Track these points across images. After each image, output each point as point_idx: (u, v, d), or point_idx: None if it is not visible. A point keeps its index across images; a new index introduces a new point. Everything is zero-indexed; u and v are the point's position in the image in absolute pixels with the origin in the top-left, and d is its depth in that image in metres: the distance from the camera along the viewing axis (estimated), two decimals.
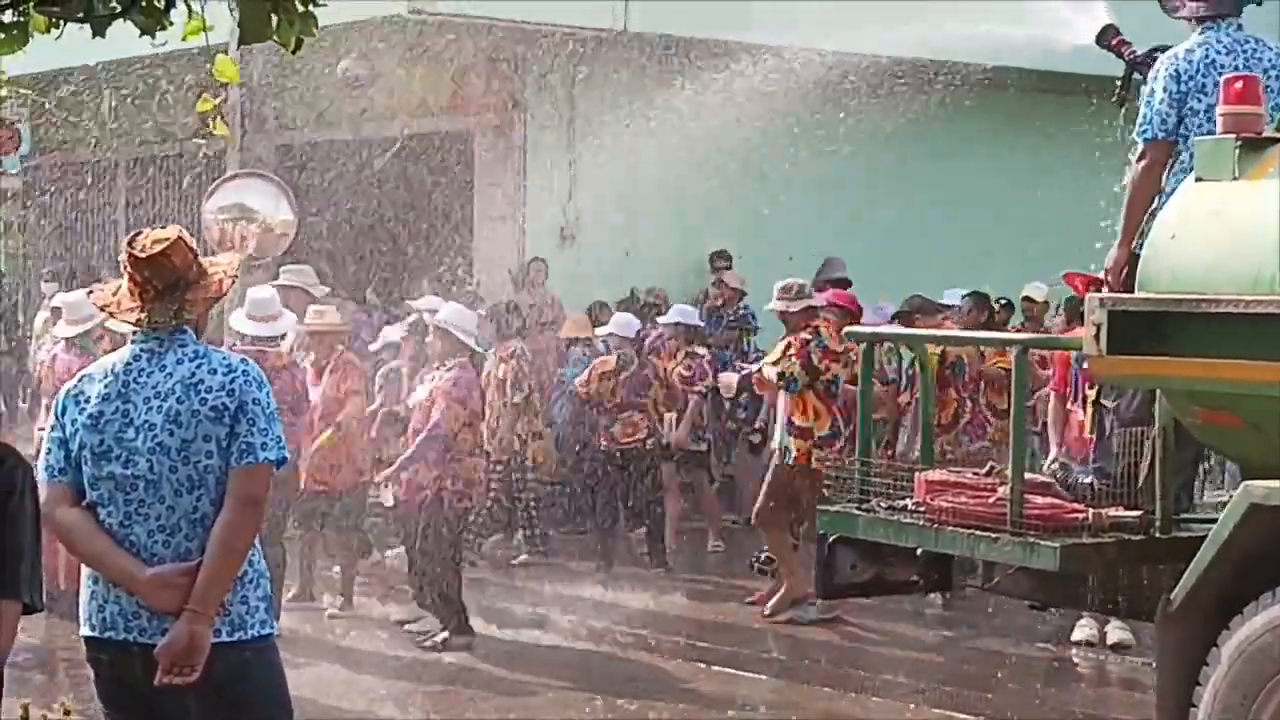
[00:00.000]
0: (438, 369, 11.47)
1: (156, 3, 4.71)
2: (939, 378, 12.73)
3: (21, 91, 16.14)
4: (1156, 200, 7.91)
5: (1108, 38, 8.66)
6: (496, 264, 18.02)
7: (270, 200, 15.40)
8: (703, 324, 15.73)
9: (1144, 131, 8.03)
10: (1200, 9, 8.11)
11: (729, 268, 17.15)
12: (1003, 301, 14.68)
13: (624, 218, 17.20)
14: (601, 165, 17.39)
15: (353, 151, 19.26)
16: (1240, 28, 8.09)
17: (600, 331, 14.81)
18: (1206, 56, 8.00)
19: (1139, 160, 8.07)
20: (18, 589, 3.69)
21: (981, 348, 13.00)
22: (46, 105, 18.31)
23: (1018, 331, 13.60)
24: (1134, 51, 8.54)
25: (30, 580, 3.75)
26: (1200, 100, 7.93)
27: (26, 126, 20.79)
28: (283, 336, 12.17)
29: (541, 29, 16.95)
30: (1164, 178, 7.98)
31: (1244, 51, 8.00)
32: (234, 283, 5.73)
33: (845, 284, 15.47)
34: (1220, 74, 7.85)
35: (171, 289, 5.44)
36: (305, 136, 19.25)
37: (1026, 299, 14.70)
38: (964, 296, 14.24)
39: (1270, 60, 7.99)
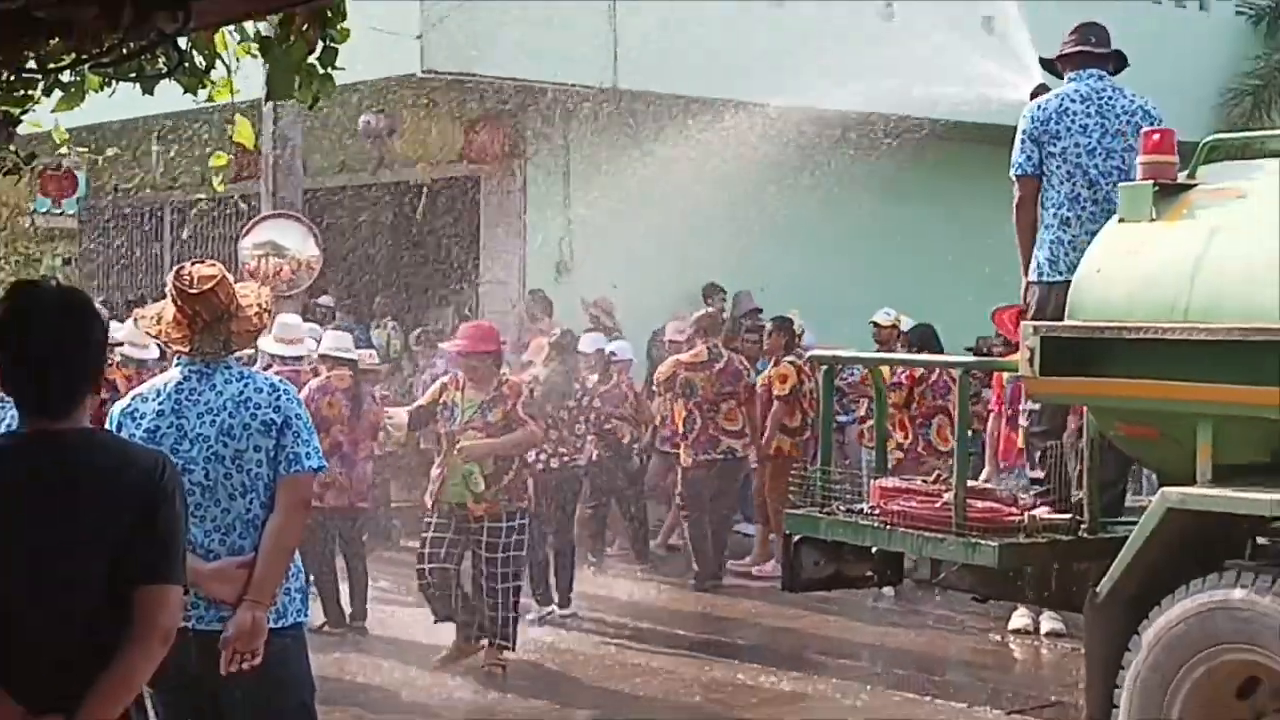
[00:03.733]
0: None
1: (198, 64, 4.74)
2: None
3: (79, 150, 16.17)
4: (1038, 232, 8.03)
5: (1040, 97, 8.70)
6: (500, 294, 18.06)
7: (299, 238, 15.48)
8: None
9: (1013, 169, 8.17)
10: (1069, 63, 8.22)
11: (723, 298, 17.15)
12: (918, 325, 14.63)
13: (613, 254, 17.21)
14: (593, 207, 17.40)
15: (372, 195, 19.31)
16: (1103, 78, 8.12)
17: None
18: (1060, 105, 8.09)
19: (1015, 197, 8.20)
20: (180, 574, 3.73)
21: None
22: (101, 155, 18.28)
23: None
24: None
25: (184, 566, 3.81)
26: (1055, 144, 8.03)
27: (83, 173, 20.80)
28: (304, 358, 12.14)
29: (539, 86, 16.99)
30: (1036, 210, 8.10)
31: (1098, 100, 8.05)
32: (265, 316, 5.76)
33: (757, 312, 15.67)
34: (1072, 120, 7.97)
35: (217, 321, 5.47)
36: (330, 181, 19.27)
37: (874, 324, 14.33)
38: (773, 320, 14.33)
39: (1123, 107, 8.01)
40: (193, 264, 5.60)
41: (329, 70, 4.68)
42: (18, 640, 3.61)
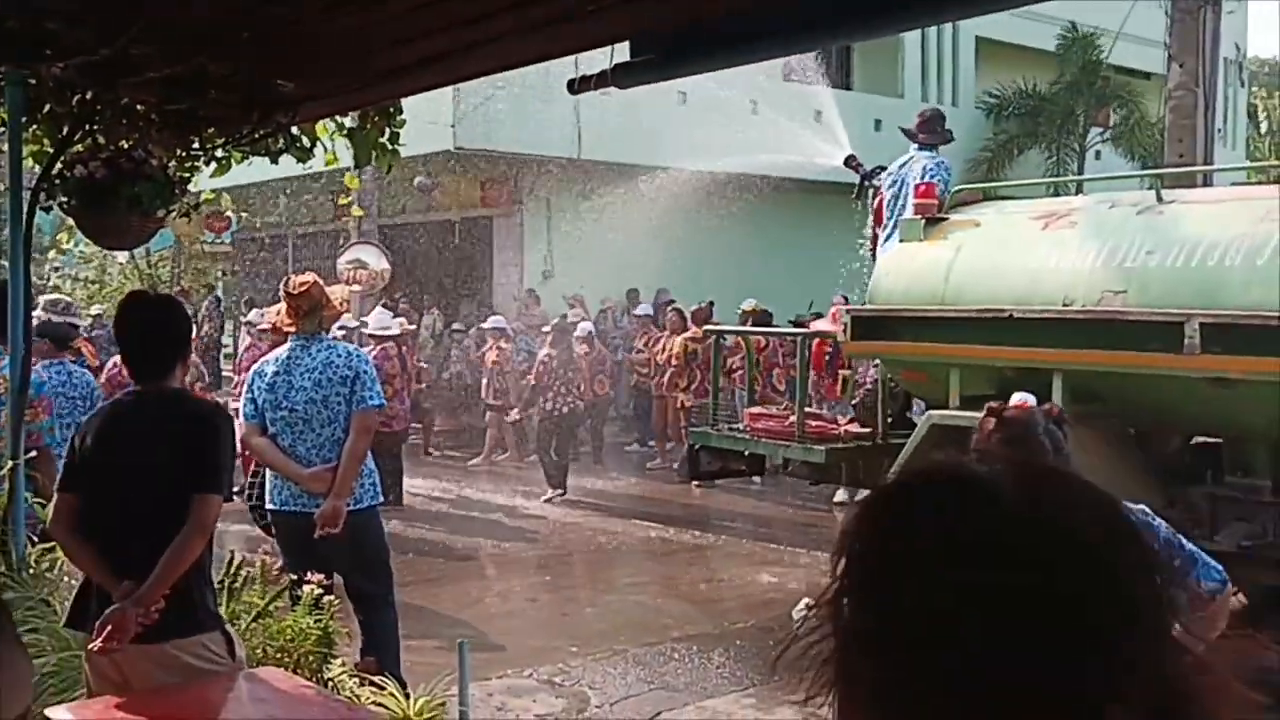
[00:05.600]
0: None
1: (305, 144, 4.69)
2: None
3: (231, 202, 16.02)
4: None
5: (850, 162, 8.72)
6: (506, 292, 18.02)
7: (375, 256, 15.33)
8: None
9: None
10: (915, 140, 8.23)
11: (638, 296, 17.11)
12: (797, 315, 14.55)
13: (578, 266, 17.21)
14: (566, 236, 17.41)
15: (423, 229, 19.18)
16: (921, 148, 8.09)
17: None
18: (886, 170, 8.11)
19: None
20: (222, 488, 3.63)
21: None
22: (247, 204, 18.08)
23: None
24: (864, 169, 8.61)
25: (227, 482, 3.70)
26: (887, 194, 8.07)
27: (234, 215, 20.54)
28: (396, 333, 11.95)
29: (531, 157, 16.92)
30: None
31: (902, 164, 8.06)
32: (347, 307, 5.71)
33: (671, 302, 15.52)
34: (892, 180, 7.98)
35: (313, 311, 5.44)
36: (396, 220, 19.13)
37: (741, 310, 13.93)
38: (673, 309, 13.98)
39: (920, 166, 7.97)
40: (295, 275, 5.60)
41: (394, 147, 4.64)
42: (119, 526, 3.56)
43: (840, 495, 11.27)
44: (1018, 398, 4.55)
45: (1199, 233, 6.02)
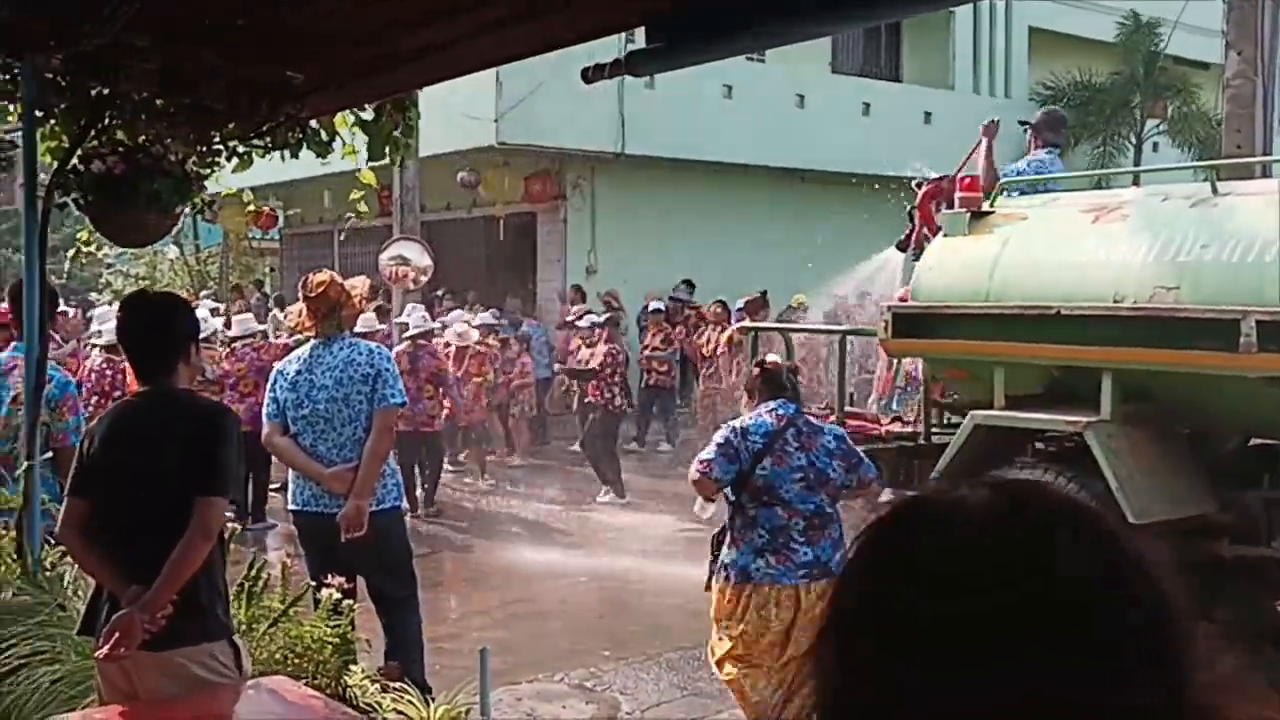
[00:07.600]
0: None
1: (323, 138, 4.60)
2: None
3: (276, 200, 16.06)
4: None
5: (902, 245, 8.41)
6: (550, 288, 17.96)
7: (417, 252, 15.30)
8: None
9: None
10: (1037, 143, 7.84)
11: (691, 290, 16.87)
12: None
13: (622, 260, 17.09)
14: (609, 231, 17.30)
15: (467, 225, 19.15)
16: (1050, 151, 7.73)
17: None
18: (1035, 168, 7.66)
19: None
20: (226, 490, 3.53)
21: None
22: (291, 201, 18.13)
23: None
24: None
25: (234, 484, 3.60)
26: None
27: (281, 212, 20.66)
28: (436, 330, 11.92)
29: (574, 152, 16.83)
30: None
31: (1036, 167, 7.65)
32: (365, 301, 5.61)
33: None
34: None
35: (332, 311, 5.35)
36: (439, 216, 19.11)
37: (799, 303, 14.21)
38: (716, 301, 13.89)
39: (1029, 169, 7.61)
40: (313, 274, 5.51)
41: (408, 140, 4.53)
42: (129, 529, 3.48)
43: (884, 495, 11.03)
44: (770, 358, 5.63)
45: (1255, 226, 5.76)
